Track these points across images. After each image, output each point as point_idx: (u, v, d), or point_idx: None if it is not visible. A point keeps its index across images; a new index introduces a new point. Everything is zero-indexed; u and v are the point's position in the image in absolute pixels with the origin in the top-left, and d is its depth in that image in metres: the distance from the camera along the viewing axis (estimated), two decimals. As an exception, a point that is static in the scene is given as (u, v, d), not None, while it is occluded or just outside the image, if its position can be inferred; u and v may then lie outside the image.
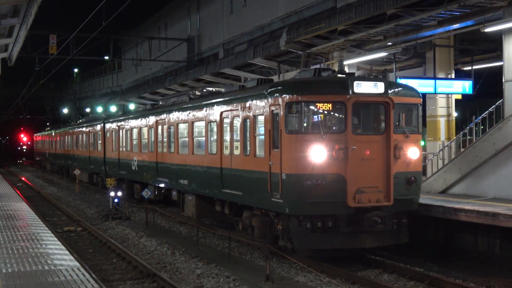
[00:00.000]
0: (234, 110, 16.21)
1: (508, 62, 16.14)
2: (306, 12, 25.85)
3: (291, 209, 13.33)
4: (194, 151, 19.31)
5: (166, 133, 21.81)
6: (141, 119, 24.99)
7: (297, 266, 13.94)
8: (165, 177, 21.96)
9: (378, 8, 17.13)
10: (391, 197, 13.36)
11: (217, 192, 17.30)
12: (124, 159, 27.48)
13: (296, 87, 13.82)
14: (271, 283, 12.61)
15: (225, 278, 13.17)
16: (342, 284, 12.31)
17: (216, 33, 37.13)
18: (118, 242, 17.67)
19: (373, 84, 13.51)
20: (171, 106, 21.97)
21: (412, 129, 14.01)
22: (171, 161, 21.38)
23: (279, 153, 13.55)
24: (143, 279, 13.31)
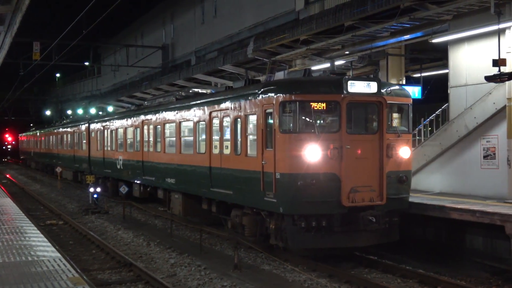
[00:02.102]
0: (224, 110, 15.34)
1: (453, 70, 16.39)
2: (271, 23, 25.93)
3: (285, 208, 12.48)
4: (182, 150, 18.51)
5: (153, 133, 21.03)
6: (127, 119, 24.30)
7: (262, 256, 13.98)
8: (151, 175, 21.16)
9: (337, 20, 17.25)
10: (384, 196, 12.64)
11: (206, 191, 16.50)
12: (109, 158, 26.80)
13: (290, 86, 12.96)
14: (239, 271, 12.62)
15: (196, 267, 13.15)
16: (304, 272, 12.37)
17: (188, 41, 37.01)
18: (97, 234, 17.52)
19: (366, 84, 12.74)
20: (158, 106, 21.17)
21: (403, 128, 13.33)
22: (157, 160, 20.61)
23: (272, 153, 12.73)
24: (120, 269, 13.23)
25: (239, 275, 12.33)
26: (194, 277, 12.33)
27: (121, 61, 43.45)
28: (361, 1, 16.40)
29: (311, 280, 11.85)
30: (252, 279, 12.06)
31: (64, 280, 8.72)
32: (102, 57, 57.26)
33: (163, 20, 42.34)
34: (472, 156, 15.59)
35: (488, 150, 15.24)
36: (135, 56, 42.90)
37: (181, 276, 12.45)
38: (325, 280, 11.84)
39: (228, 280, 11.83)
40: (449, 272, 12.37)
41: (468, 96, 15.67)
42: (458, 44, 15.92)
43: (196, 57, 35.02)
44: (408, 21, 15.66)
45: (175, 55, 39.70)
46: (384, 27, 16.47)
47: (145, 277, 12.09)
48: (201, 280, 12.00)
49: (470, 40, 15.47)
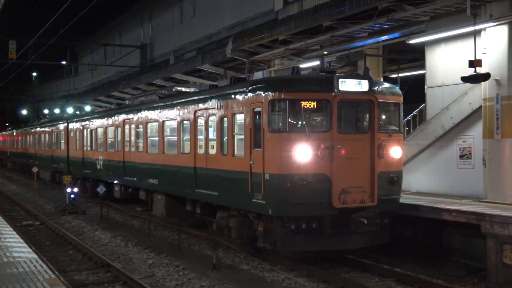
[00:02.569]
0: (210, 108, 14.84)
1: (430, 70, 16.56)
2: (250, 23, 25.91)
3: (275, 210, 12.03)
4: (165, 150, 17.96)
5: (135, 132, 20.56)
6: (107, 119, 23.80)
7: (241, 256, 13.97)
8: (133, 176, 20.64)
9: (315, 21, 17.33)
10: (375, 197, 12.25)
11: (190, 192, 15.98)
12: (88, 158, 26.32)
13: (279, 84, 12.44)
14: (218, 271, 12.61)
15: (175, 267, 13.10)
16: (282, 271, 12.40)
17: (167, 41, 36.85)
18: (74, 235, 17.36)
19: (357, 82, 12.31)
20: (140, 105, 20.59)
21: (394, 128, 12.94)
22: (139, 160, 20.08)
23: (261, 153, 12.24)
24: (97, 269, 13.13)
25: (218, 275, 12.31)
26: (172, 277, 12.27)
27: (99, 60, 43.13)
28: (340, 2, 16.50)
29: (290, 280, 11.88)
30: (231, 279, 12.05)
31: (40, 282, 8.64)
32: (80, 56, 56.80)
33: (141, 19, 42.11)
34: (448, 156, 15.77)
35: (464, 150, 15.43)
36: (113, 55, 42.61)
37: (159, 277, 12.39)
38: (303, 280, 11.88)
39: (207, 280, 11.81)
40: (426, 270, 12.48)
41: (444, 96, 15.84)
42: (435, 45, 16.08)
43: (175, 56, 34.88)
44: (385, 22, 15.79)
45: (153, 55, 39.51)
46: (362, 27, 16.58)
47: (123, 278, 12.01)
48: (180, 280, 11.95)
49: (446, 41, 15.64)
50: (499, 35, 13.75)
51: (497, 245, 11.68)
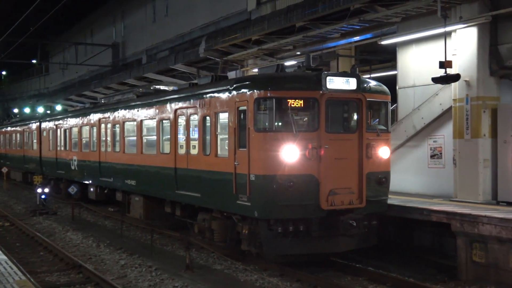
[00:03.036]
0: (191, 107, 14.29)
1: (401, 71, 16.72)
2: (223, 23, 25.88)
3: (261, 212, 11.51)
4: (144, 150, 17.41)
5: (111, 132, 19.85)
6: (82, 118, 23.23)
7: (214, 256, 13.95)
8: (109, 177, 20.02)
9: (288, 21, 17.42)
10: (363, 198, 11.84)
11: (170, 193, 15.41)
12: (62, 158, 25.72)
13: (265, 82, 11.92)
14: (191, 271, 12.56)
15: (147, 267, 13.02)
16: (255, 271, 12.41)
17: (140, 40, 36.60)
18: (45, 236, 17.15)
19: (345, 80, 11.84)
20: (117, 104, 19.98)
21: (382, 127, 12.53)
22: (116, 160, 19.43)
23: (246, 153, 11.75)
24: (69, 271, 12.99)
25: (191, 276, 12.27)
26: (145, 278, 12.19)
27: (70, 59, 42.63)
28: (312, 3, 16.61)
29: (263, 279, 11.89)
30: (204, 279, 12.02)
31: (10, 283, 8.51)
32: (51, 55, 56.10)
33: (113, 18, 41.75)
34: (419, 156, 15.95)
35: (435, 149, 15.63)
36: (84, 54, 42.20)
37: (132, 277, 12.30)
38: (276, 279, 11.89)
39: (180, 281, 11.76)
40: (398, 269, 12.59)
41: (415, 97, 16.01)
42: (406, 46, 16.24)
43: (147, 56, 34.66)
44: (358, 23, 15.92)
45: (125, 54, 39.20)
46: (334, 28, 16.70)
47: (95, 279, 11.90)
48: (152, 281, 11.88)
49: (417, 42, 15.80)
50: (468, 36, 13.96)
51: (466, 243, 11.86)
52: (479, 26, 13.76)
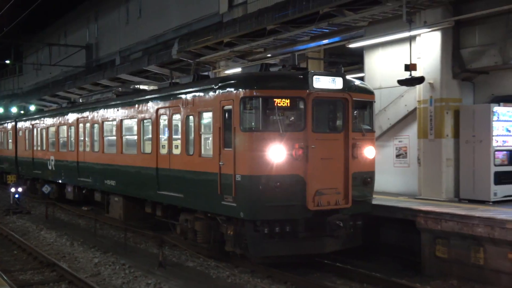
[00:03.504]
0: (173, 106, 13.74)
1: (368, 73, 16.91)
2: (196, 25, 25.85)
3: (247, 213, 11.05)
4: (124, 150, 16.77)
5: (90, 132, 19.21)
6: (59, 118, 22.55)
7: (187, 253, 13.93)
8: (88, 177, 19.36)
9: (259, 24, 17.47)
10: (349, 198, 11.45)
11: (152, 194, 14.85)
12: (39, 158, 25.11)
13: (251, 81, 11.44)
14: (164, 269, 12.53)
15: (121, 265, 12.95)
16: (227, 268, 12.43)
17: (113, 41, 36.34)
18: (19, 235, 16.91)
19: (331, 79, 11.45)
20: (95, 103, 19.29)
21: (367, 127, 12.17)
22: (95, 160, 18.78)
23: (232, 153, 11.28)
24: (43, 269, 12.85)
25: (164, 273, 12.24)
26: (118, 275, 12.13)
27: (44, 60, 42.09)
28: (283, 6, 16.69)
29: (234, 276, 11.93)
30: (177, 276, 12.01)
31: (-16, 282, 8.40)
32: (24, 56, 55.30)
33: (87, 19, 41.37)
34: (386, 155, 16.15)
35: (400, 149, 15.86)
36: (58, 55, 41.72)
37: (105, 275, 12.22)
38: (247, 276, 11.94)
39: (153, 278, 11.72)
40: (366, 264, 12.73)
41: (382, 98, 16.19)
42: (373, 49, 16.43)
43: (121, 57, 34.44)
44: (326, 26, 16.06)
45: (99, 55, 38.88)
46: (304, 31, 16.81)
47: (69, 277, 11.79)
48: (126, 279, 11.83)
49: (384, 46, 16.00)
50: (432, 40, 14.20)
51: (430, 239, 12.07)
52: (443, 30, 14.00)
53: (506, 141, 13.75)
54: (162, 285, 11.19)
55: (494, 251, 10.89)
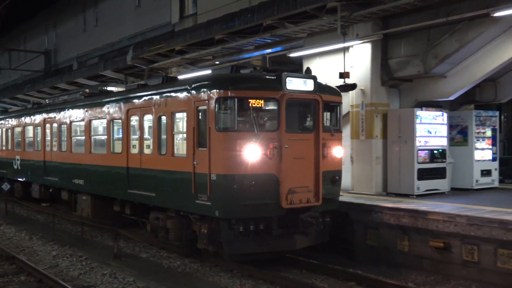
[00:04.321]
0: (145, 107, 12.94)
1: (307, 80, 17.03)
2: (149, 34, 25.54)
3: (222, 212, 10.43)
4: (93, 150, 15.77)
5: (57, 132, 18.09)
6: (25, 118, 21.27)
7: (140, 245, 13.74)
8: (55, 176, 18.30)
9: (208, 34, 17.41)
10: (320, 196, 10.96)
11: (122, 193, 13.99)
12: (4, 158, 23.81)
13: (227, 82, 10.80)
14: (119, 260, 12.31)
15: (78, 257, 12.65)
16: (178, 258, 12.33)
17: (71, 47, 35.48)
18: (-21, 230, 16.29)
19: (303, 81, 10.95)
20: (63, 104, 18.24)
21: (335, 127, 11.64)
22: (63, 160, 17.69)
23: (207, 152, 10.60)
24: (2, 262, 12.38)
25: (119, 264, 12.03)
26: (75, 267, 11.84)
27: (4, 64, 40.66)
28: (230, 18, 16.70)
29: (185, 265, 11.85)
30: (131, 266, 11.81)
31: None
32: (-16, 60, 53.31)
33: (46, 27, 40.26)
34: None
35: (335, 149, 16.04)
36: (18, 60, 40.43)
37: (63, 267, 11.91)
38: (197, 265, 11.87)
39: (108, 269, 11.50)
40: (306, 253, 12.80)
41: (319, 103, 16.33)
42: (311, 58, 16.58)
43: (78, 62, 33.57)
44: (269, 37, 16.15)
45: (57, 60, 37.88)
46: (249, 41, 16.85)
47: (28, 269, 11.43)
48: (83, 270, 11.56)
49: (321, 55, 16.17)
50: (364, 51, 14.48)
51: (362, 229, 12.31)
52: (373, 42, 14.29)
53: (428, 141, 14.15)
54: (117, 275, 10.98)
55: (417, 239, 11.20)
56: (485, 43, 13.20)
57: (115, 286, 10.32)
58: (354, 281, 10.48)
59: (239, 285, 10.26)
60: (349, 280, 10.58)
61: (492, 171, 15.57)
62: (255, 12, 15.69)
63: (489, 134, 15.57)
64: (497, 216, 10.22)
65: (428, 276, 10.69)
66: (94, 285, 10.44)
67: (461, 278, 10.38)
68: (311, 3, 13.77)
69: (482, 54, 13.41)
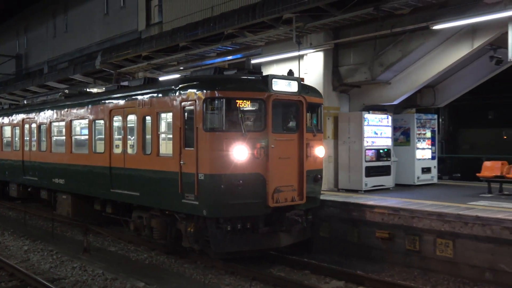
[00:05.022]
0: (129, 107, 12.23)
1: (265, 85, 17.08)
2: (117, 40, 25.12)
3: (210, 211, 9.89)
4: (74, 149, 14.90)
5: (36, 132, 17.14)
6: (3, 118, 20.15)
7: (109, 239, 13.49)
8: (34, 176, 17.27)
9: (173, 41, 17.27)
10: (304, 195, 10.58)
11: (105, 192, 13.20)
12: None
13: (214, 83, 10.24)
14: (88, 253, 12.05)
15: (48, 252, 12.31)
16: (145, 251, 12.17)
17: (41, 52, 34.51)
18: (-49, 227, 15.65)
19: (287, 83, 10.50)
20: (42, 104, 17.23)
21: (317, 128, 11.23)
22: (42, 160, 16.72)
23: (194, 152, 10.00)
24: (-26, 258, 11.94)
25: (88, 257, 11.77)
26: (46, 261, 11.53)
27: (-24, 67, 39.28)
28: (193, 27, 16.60)
29: (151, 257, 11.69)
30: (100, 259, 11.58)
31: None
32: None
33: (17, 31, 39.06)
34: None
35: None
36: (-11, 63, 39.11)
37: (34, 261, 11.57)
38: (163, 257, 11.74)
39: (78, 262, 11.23)
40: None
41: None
42: (269, 65, 16.61)
43: (49, 66, 32.76)
44: (230, 45, 16.13)
45: (28, 64, 36.78)
46: (211, 48, 16.80)
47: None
48: (53, 263, 11.26)
49: (278, 62, 16.21)
50: (317, 59, 14.61)
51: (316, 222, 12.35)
52: (325, 51, 14.44)
53: (374, 141, 14.39)
54: (86, 268, 10.74)
55: (365, 230, 11.37)
56: (425, 53, 13.52)
57: (85, 278, 10.10)
58: (308, 269, 10.57)
59: (202, 276, 10.21)
60: (304, 269, 10.66)
61: (432, 169, 15.97)
62: (217, 21, 15.64)
63: (429, 135, 15.96)
64: (436, 209, 10.49)
65: (375, 264, 10.87)
66: (65, 277, 10.20)
67: (405, 266, 10.60)
68: (268, 14, 13.83)
69: (422, 63, 13.74)
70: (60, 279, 10.06)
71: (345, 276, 9.98)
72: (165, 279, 10.01)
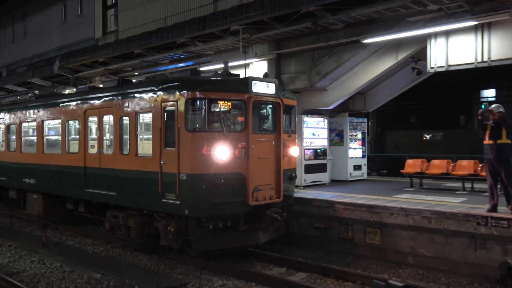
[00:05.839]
0: (105, 107, 11.39)
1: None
2: (75, 46, 24.29)
3: (192, 211, 9.27)
4: (45, 149, 13.90)
5: (5, 132, 16.02)
6: None
7: (67, 234, 13.03)
8: (3, 175, 16.05)
9: (128, 48, 16.94)
10: (281, 193, 10.13)
11: (79, 192, 12.27)
12: None
13: (197, 84, 9.59)
14: (47, 248, 11.60)
15: (7, 247, 11.76)
16: (101, 244, 11.84)
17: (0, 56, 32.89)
18: None
19: (266, 85, 10.02)
20: (12, 105, 16.13)
21: (292, 129, 10.78)
22: (11, 160, 15.57)
23: (175, 152, 9.36)
24: None
25: (47, 251, 11.32)
26: (5, 255, 11.00)
27: None
28: (148, 35, 16.35)
29: (107, 250, 11.40)
30: (58, 253, 11.16)
31: None
32: None
33: (-25, 36, 37.01)
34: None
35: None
36: None
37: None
38: (118, 250, 11.48)
39: (37, 256, 10.79)
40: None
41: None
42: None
43: (7, 70, 31.25)
44: (182, 53, 16.00)
45: (-13, 68, 34.95)
46: (165, 56, 16.59)
47: (-42, 260, 10.45)
48: (12, 258, 10.76)
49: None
50: (261, 67, 14.70)
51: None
52: (269, 60, 14.56)
53: (312, 142, 14.64)
54: (45, 261, 10.34)
55: (305, 222, 11.54)
56: (356, 64, 13.89)
57: (43, 271, 9.71)
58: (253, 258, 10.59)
59: (156, 266, 10.05)
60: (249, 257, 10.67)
61: (362, 166, 16.41)
62: (170, 31, 15.46)
63: (360, 136, 16.39)
64: (366, 202, 10.79)
65: (314, 252, 11.06)
66: (23, 271, 9.77)
67: (339, 252, 10.85)
68: (217, 26, 13.80)
69: (354, 72, 14.10)
70: (19, 273, 9.63)
71: (287, 263, 10.08)
72: (121, 270, 9.78)
